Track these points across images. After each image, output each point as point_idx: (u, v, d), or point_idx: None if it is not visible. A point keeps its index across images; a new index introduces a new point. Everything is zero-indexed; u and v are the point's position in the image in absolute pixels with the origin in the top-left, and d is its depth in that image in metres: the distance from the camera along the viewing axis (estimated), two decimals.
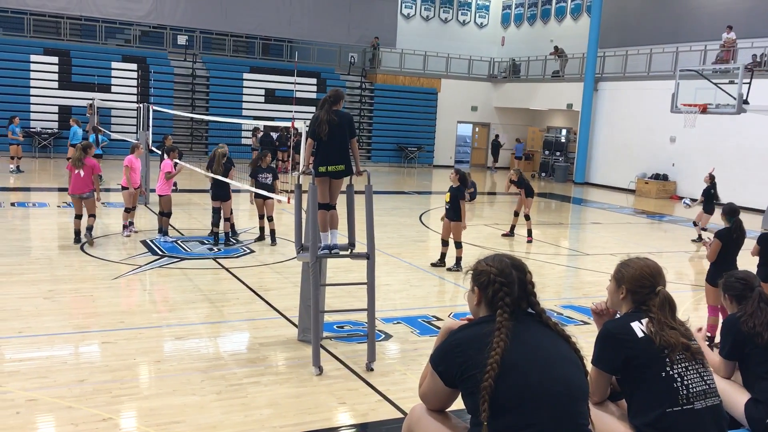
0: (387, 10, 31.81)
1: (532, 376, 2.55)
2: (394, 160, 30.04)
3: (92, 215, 10.90)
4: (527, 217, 13.51)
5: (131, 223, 11.83)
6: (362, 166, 6.73)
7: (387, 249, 11.70)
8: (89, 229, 10.82)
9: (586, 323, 7.99)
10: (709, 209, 14.00)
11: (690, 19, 25.20)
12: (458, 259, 10.52)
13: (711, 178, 14.20)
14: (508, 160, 31.31)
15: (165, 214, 11.54)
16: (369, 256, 6.41)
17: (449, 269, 10.52)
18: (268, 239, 11.70)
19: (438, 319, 8.01)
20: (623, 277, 3.31)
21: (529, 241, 13.34)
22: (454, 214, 10.40)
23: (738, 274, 4.43)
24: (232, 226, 11.99)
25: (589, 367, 3.12)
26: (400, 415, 5.32)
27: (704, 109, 15.55)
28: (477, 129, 33.42)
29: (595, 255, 12.72)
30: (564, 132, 29.96)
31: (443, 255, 10.71)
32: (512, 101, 31.34)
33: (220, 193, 11.25)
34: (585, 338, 3.41)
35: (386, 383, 5.99)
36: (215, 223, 11.36)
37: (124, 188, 11.91)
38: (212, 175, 11.27)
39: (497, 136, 31.37)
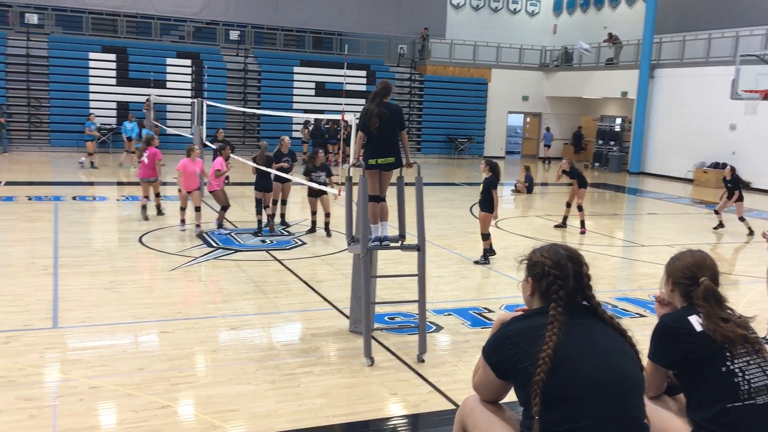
0: (436, 1, 31.63)
1: (585, 369, 2.52)
2: (444, 151, 29.90)
3: (157, 194, 12.86)
4: (580, 208, 13.28)
5: (185, 221, 11.79)
6: (412, 157, 6.74)
7: (437, 240, 11.68)
8: (157, 206, 12.89)
9: (642, 316, 7.82)
10: (740, 197, 13.87)
11: (751, 2, 24.27)
12: (485, 252, 10.36)
13: (732, 171, 14.07)
14: (560, 150, 30.81)
15: (223, 209, 11.81)
16: (419, 248, 6.41)
17: (476, 262, 10.34)
18: (319, 231, 11.81)
19: (489, 310, 7.97)
20: (670, 269, 3.26)
21: (582, 233, 13.12)
22: (485, 204, 10.28)
23: None
24: (283, 216, 12.19)
25: (645, 361, 3.06)
26: (452, 407, 5.33)
27: (766, 95, 15.00)
28: (528, 119, 32.98)
29: (651, 246, 12.43)
30: (618, 121, 29.29)
31: (487, 250, 10.50)
32: (564, 90, 30.80)
33: (263, 184, 11.67)
34: (641, 331, 3.34)
35: (437, 374, 6.00)
36: (259, 212, 11.75)
37: (181, 191, 11.99)
38: (254, 164, 11.72)
39: (548, 128, 30.91)
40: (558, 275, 2.66)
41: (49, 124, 24.65)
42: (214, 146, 13.95)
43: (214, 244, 10.83)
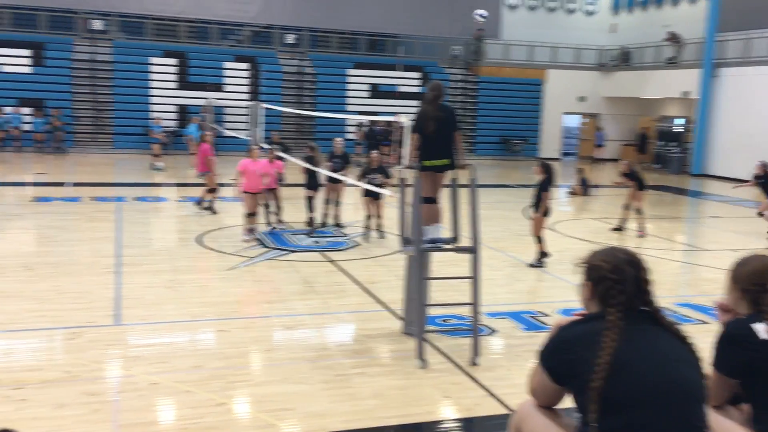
0: (490, 2, 31.35)
1: (644, 376, 2.46)
2: (498, 152, 29.63)
3: (211, 190, 13.38)
4: (639, 212, 12.96)
5: (252, 230, 11.22)
6: (466, 159, 6.71)
7: (491, 243, 11.57)
8: (204, 200, 13.45)
9: (704, 323, 7.58)
10: None
11: None
12: (540, 254, 10.16)
13: (764, 167, 13.57)
14: (617, 151, 30.15)
15: (278, 208, 12.02)
16: (473, 250, 6.37)
17: (531, 265, 10.17)
18: (374, 233, 11.85)
19: (543, 314, 7.85)
20: (736, 274, 3.14)
21: (641, 236, 12.80)
22: (538, 207, 10.13)
23: None
24: (337, 218, 12.34)
25: (708, 368, 2.96)
26: (506, 411, 5.27)
27: None
28: (585, 120, 32.38)
29: (714, 251, 12.04)
30: (679, 121, 28.47)
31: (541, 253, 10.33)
32: (623, 90, 30.11)
33: (312, 183, 12.34)
34: (704, 338, 3.23)
35: (491, 378, 5.94)
36: (310, 210, 12.27)
37: (245, 192, 11.27)
38: (303, 164, 12.30)
39: (600, 128, 30.30)
40: (616, 279, 2.60)
41: (112, 127, 25.45)
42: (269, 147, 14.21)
43: (270, 245, 10.98)
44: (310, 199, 12.24)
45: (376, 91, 28.02)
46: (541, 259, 10.17)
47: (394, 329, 7.17)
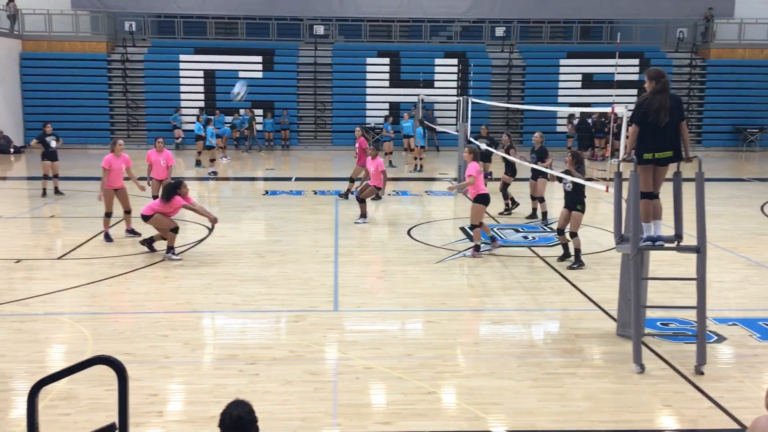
0: None
1: None
2: (730, 143, 26.92)
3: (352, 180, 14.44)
4: None
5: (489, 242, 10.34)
6: (692, 151, 6.18)
7: (720, 242, 10.58)
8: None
9: None
10: None
11: None
12: None
13: None
14: None
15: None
16: (699, 250, 5.87)
17: None
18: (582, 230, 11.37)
19: None
20: None
21: None
22: None
23: None
24: (545, 215, 12.07)
25: None
26: (736, 426, 4.80)
27: None
28: None
29: None
30: None
31: None
32: None
33: (508, 170, 13.24)
34: None
35: (719, 389, 5.44)
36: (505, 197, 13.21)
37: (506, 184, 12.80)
38: (507, 156, 12.92)
39: None
40: None
41: (332, 125, 27.14)
42: (476, 142, 14.24)
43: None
44: (505, 185, 13.16)
45: (590, 81, 26.83)
46: None
47: (607, 330, 6.84)
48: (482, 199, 9.88)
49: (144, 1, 27.56)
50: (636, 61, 26.73)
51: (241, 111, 25.70)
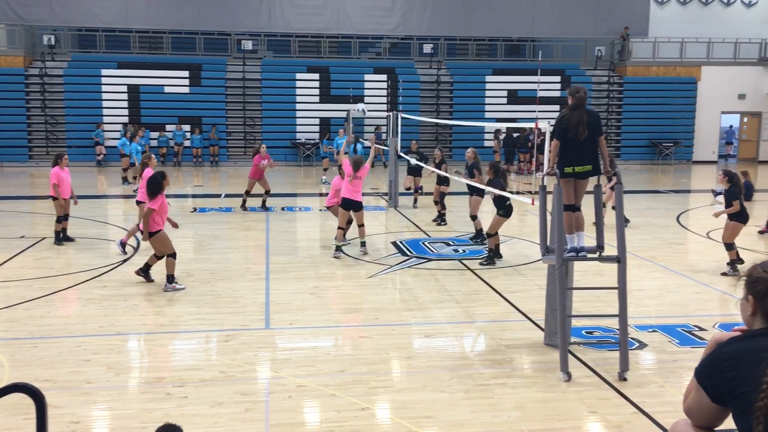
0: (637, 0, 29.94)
1: None
2: (647, 156, 28.14)
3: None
4: None
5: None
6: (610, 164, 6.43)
7: (640, 252, 11.00)
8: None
9: None
10: None
11: None
12: (732, 262, 9.78)
13: None
14: None
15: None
16: (620, 260, 6.09)
17: (723, 274, 9.72)
18: (510, 242, 11.64)
19: (700, 329, 7.34)
20: None
21: None
22: (735, 215, 9.81)
23: None
24: (479, 231, 12.21)
25: None
26: (658, 430, 4.98)
27: None
28: (746, 119, 29.98)
29: None
30: None
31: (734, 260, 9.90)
32: None
33: (439, 180, 13.71)
34: None
35: (642, 395, 5.64)
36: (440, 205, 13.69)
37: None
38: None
39: None
40: None
41: (261, 141, 26.86)
42: (407, 157, 14.42)
43: (409, 253, 11.11)
44: (442, 195, 13.67)
45: (515, 97, 27.57)
46: (734, 266, 9.67)
47: (535, 340, 7.00)
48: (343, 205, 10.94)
49: (64, 14, 26.68)
50: (558, 78, 27.64)
51: (169, 127, 25.18)
